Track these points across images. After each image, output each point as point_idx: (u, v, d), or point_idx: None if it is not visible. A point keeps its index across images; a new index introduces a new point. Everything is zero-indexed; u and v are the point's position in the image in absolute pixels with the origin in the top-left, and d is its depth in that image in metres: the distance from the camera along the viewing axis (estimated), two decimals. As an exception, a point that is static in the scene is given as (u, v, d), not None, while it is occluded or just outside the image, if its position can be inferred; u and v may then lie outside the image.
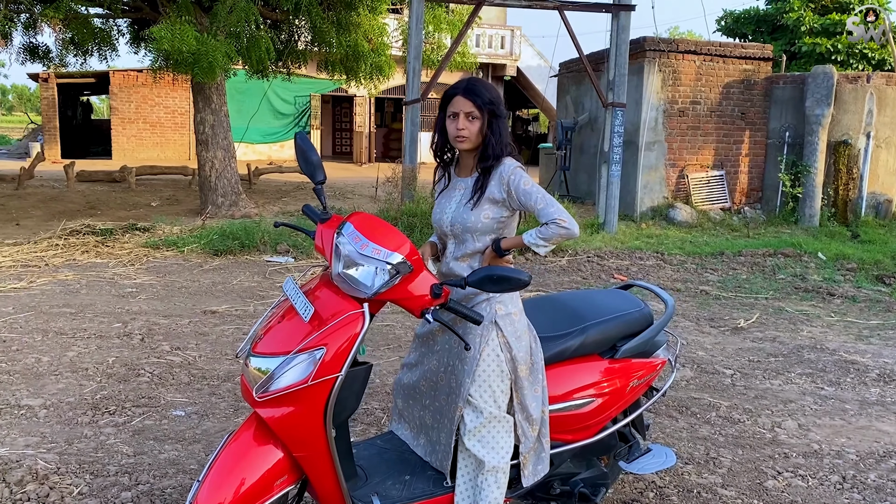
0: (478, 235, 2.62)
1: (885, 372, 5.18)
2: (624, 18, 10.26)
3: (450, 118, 2.60)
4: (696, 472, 3.53)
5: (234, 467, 2.31)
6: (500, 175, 2.60)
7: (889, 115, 11.98)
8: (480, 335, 2.54)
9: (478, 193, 2.61)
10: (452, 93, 2.60)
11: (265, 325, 2.46)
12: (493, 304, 2.58)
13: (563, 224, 2.55)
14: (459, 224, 2.62)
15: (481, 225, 2.60)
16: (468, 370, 2.53)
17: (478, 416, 2.49)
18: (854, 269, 9.07)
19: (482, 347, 2.53)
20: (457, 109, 2.58)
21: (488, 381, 2.50)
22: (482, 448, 2.49)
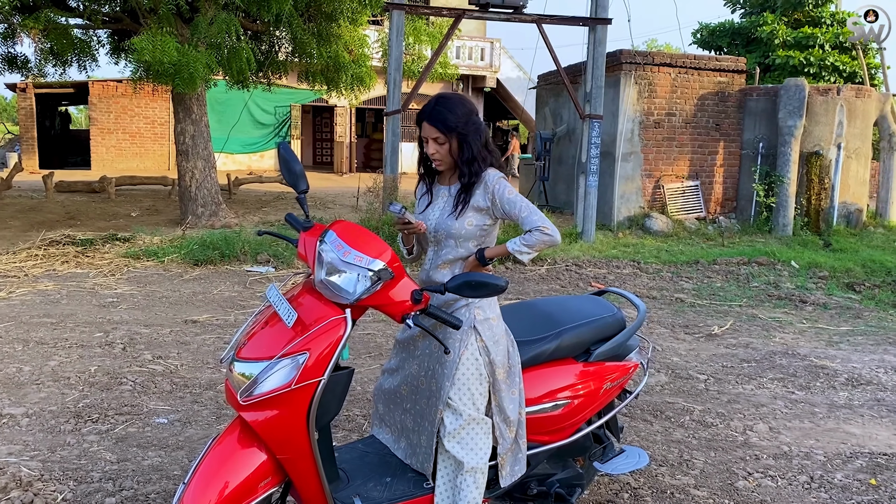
0: (461, 242, 2.70)
1: (853, 376, 5.33)
2: (600, 32, 10.44)
3: (424, 141, 2.70)
4: (669, 473, 3.63)
5: (218, 469, 2.36)
6: (486, 185, 2.68)
7: (859, 126, 12.27)
8: (460, 340, 2.63)
9: (461, 202, 2.70)
10: (420, 117, 2.69)
11: (249, 332, 2.52)
12: (472, 310, 2.67)
13: (547, 231, 2.65)
14: (443, 231, 2.70)
15: (465, 232, 2.68)
16: (448, 374, 2.61)
17: (457, 418, 2.57)
18: (826, 277, 9.28)
19: (461, 351, 2.62)
20: (426, 135, 2.68)
21: (467, 384, 2.59)
22: (461, 449, 2.56)
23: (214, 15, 10.22)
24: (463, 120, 2.66)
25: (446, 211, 2.72)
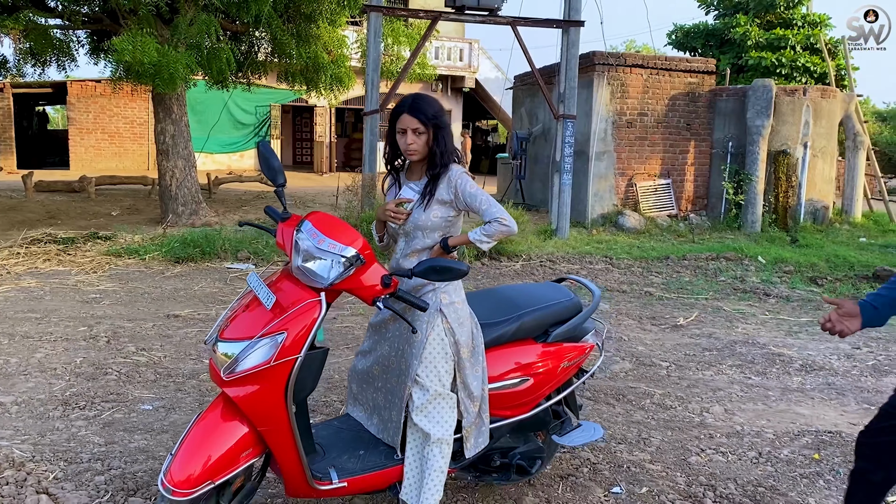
0: (427, 233, 2.92)
1: (807, 363, 5.62)
2: (573, 34, 10.71)
3: (399, 133, 2.90)
4: (627, 450, 3.87)
5: (203, 441, 2.56)
6: (449, 179, 2.91)
7: (824, 126, 12.65)
8: (427, 321, 2.85)
9: (428, 195, 2.92)
10: (399, 110, 2.90)
11: (231, 315, 2.73)
12: (439, 294, 2.89)
13: (505, 222, 2.88)
14: (412, 222, 2.92)
15: (431, 223, 2.91)
16: (416, 353, 2.83)
17: (424, 393, 2.79)
18: (791, 272, 9.61)
19: (429, 332, 2.84)
20: (405, 126, 2.88)
21: (434, 362, 2.81)
22: (428, 422, 2.78)
23: (194, 16, 10.36)
24: (439, 115, 2.92)
25: (414, 204, 2.94)
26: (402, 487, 2.81)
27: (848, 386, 5.14)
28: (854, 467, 2.59)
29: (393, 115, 2.94)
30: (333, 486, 2.76)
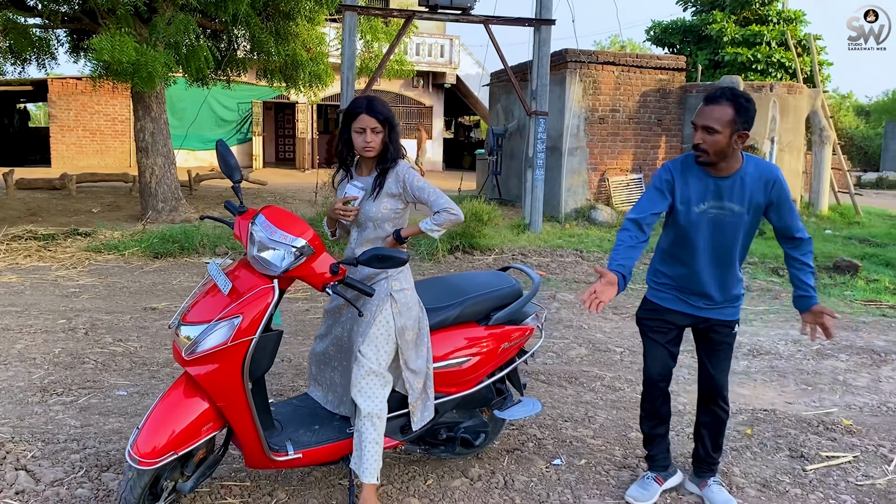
0: (378, 223, 3.18)
1: (755, 348, 5.92)
2: (545, 32, 10.97)
3: (357, 132, 3.11)
4: (572, 427, 4.14)
5: (167, 416, 2.81)
6: (397, 174, 3.17)
7: (791, 121, 12.98)
8: (377, 305, 3.10)
9: (377, 189, 3.16)
10: (357, 111, 3.10)
11: (193, 300, 2.97)
12: (390, 281, 3.15)
13: (453, 211, 3.15)
14: (363, 214, 3.17)
15: (381, 214, 3.16)
16: (362, 331, 3.08)
17: (359, 369, 3.03)
18: (755, 263, 9.93)
19: (377, 314, 3.09)
20: (363, 125, 3.10)
21: (376, 342, 3.06)
22: (360, 397, 3.02)
23: (172, 15, 10.53)
24: (391, 114, 3.17)
25: (365, 197, 3.18)
26: (352, 458, 3.06)
27: (790, 369, 5.44)
28: None
29: (349, 116, 3.13)
30: (289, 457, 3.01)
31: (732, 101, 2.92)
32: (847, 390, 5.00)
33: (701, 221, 3.07)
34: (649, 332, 3.33)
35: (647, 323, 3.34)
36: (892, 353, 5.85)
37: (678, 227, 3.14)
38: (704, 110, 2.98)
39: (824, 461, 3.81)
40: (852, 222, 13.70)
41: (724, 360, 3.31)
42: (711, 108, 2.95)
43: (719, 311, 3.22)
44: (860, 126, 35.72)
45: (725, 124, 2.91)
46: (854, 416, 4.48)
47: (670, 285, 3.26)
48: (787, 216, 3.09)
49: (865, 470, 3.73)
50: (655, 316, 3.31)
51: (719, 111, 2.92)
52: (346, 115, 3.16)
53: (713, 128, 2.92)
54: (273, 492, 3.27)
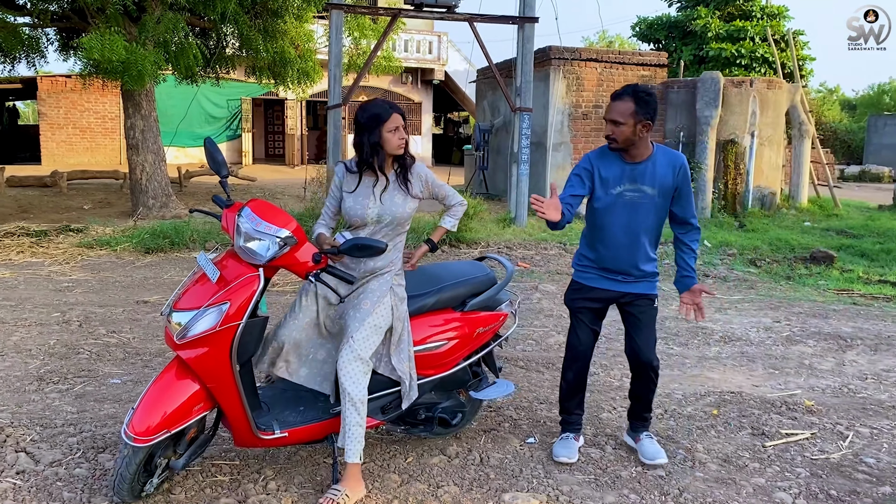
0: (401, 222, 3.38)
1: (727, 335, 6.15)
2: (528, 30, 11.17)
3: (391, 132, 3.29)
4: (547, 409, 4.36)
5: (160, 397, 3.00)
6: (418, 174, 3.41)
7: (771, 115, 13.24)
8: (378, 296, 3.30)
9: (403, 190, 3.36)
10: (388, 112, 3.29)
11: (183, 289, 3.16)
12: (392, 276, 3.38)
13: (463, 203, 3.60)
14: (390, 215, 3.33)
15: (406, 215, 3.39)
16: (360, 317, 3.25)
17: (349, 352, 3.21)
18: (734, 255, 10.18)
19: (377, 305, 3.28)
20: (397, 124, 3.31)
21: (370, 331, 3.23)
22: (347, 381, 3.19)
23: (161, 14, 10.66)
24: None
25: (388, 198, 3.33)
26: (339, 436, 3.24)
27: (759, 354, 5.67)
28: None
29: (377, 119, 3.27)
30: (276, 436, 3.20)
31: (633, 95, 3.34)
32: (812, 374, 5.23)
33: (617, 203, 3.47)
34: (577, 312, 3.74)
35: (575, 303, 3.74)
36: (857, 338, 6.09)
37: (597, 211, 3.54)
38: (611, 106, 3.41)
39: (783, 438, 4.03)
40: (831, 214, 13.99)
41: (647, 332, 3.66)
42: (616, 104, 3.38)
43: (638, 285, 3.61)
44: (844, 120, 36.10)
45: (628, 116, 3.32)
46: (816, 398, 4.71)
47: (593, 266, 3.65)
48: (685, 201, 3.54)
49: (822, 446, 3.96)
50: (581, 295, 3.70)
51: (622, 106, 3.34)
52: (373, 119, 3.27)
53: (618, 120, 3.35)
54: (261, 469, 3.46)
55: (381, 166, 3.35)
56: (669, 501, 3.30)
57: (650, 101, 3.35)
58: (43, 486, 3.24)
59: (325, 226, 3.48)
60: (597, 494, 3.34)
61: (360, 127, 3.33)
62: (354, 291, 3.33)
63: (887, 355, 5.71)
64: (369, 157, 3.31)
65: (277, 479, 3.36)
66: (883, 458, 3.82)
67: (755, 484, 3.49)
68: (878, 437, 4.10)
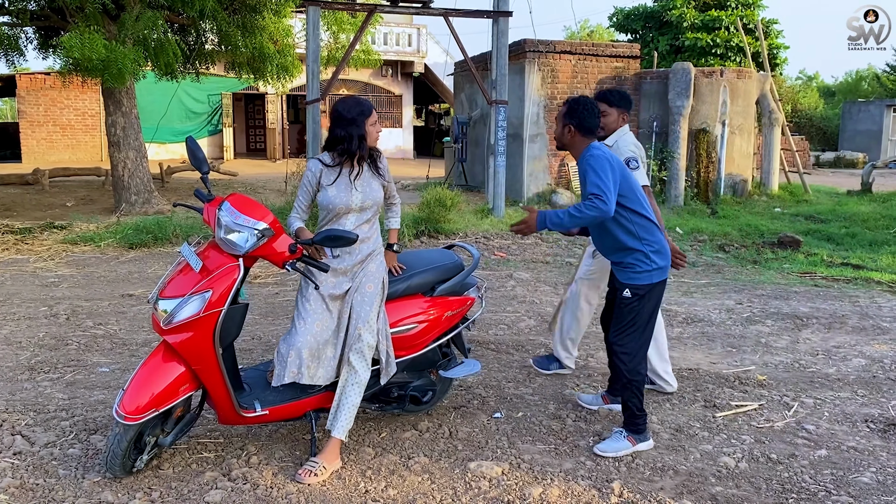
0: (379, 206, 3.73)
1: (690, 316, 6.45)
2: (503, 24, 11.40)
3: (372, 125, 3.61)
4: (514, 387, 4.63)
5: (148, 378, 3.24)
6: (382, 161, 3.76)
7: (741, 104, 13.57)
8: (378, 277, 3.61)
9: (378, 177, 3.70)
10: (370, 110, 3.61)
11: (168, 278, 3.39)
12: (381, 255, 3.74)
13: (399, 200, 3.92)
14: (371, 200, 3.64)
15: (381, 198, 3.73)
16: (368, 301, 3.53)
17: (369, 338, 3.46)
18: (704, 241, 10.50)
19: (378, 287, 3.58)
20: (375, 118, 3.65)
21: (373, 314, 3.51)
22: (359, 364, 3.45)
23: (140, 11, 10.79)
24: None
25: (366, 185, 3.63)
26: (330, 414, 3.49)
27: (719, 334, 5.98)
28: None
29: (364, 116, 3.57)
30: (257, 413, 3.45)
31: (566, 104, 3.83)
32: (767, 351, 5.54)
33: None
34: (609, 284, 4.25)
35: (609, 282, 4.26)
36: (813, 317, 6.41)
37: None
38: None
39: (733, 409, 4.33)
40: (801, 200, 14.36)
41: (618, 320, 3.77)
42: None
43: (620, 271, 3.78)
44: (821, 107, 36.62)
45: (559, 120, 3.85)
46: (769, 373, 5.02)
47: None
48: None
49: (768, 416, 4.26)
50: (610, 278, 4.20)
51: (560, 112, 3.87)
52: (360, 114, 3.58)
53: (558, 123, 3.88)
54: (244, 446, 3.70)
55: (362, 157, 3.61)
56: (623, 467, 3.58)
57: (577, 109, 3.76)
58: (39, 464, 3.47)
59: (300, 219, 3.72)
60: (556, 462, 3.62)
61: (344, 121, 3.58)
62: (356, 275, 3.61)
63: (839, 333, 6.03)
64: (356, 149, 3.58)
65: (259, 454, 3.61)
66: (823, 424, 4.13)
67: (702, 450, 3.78)
68: (820, 406, 4.41)
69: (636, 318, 3.69)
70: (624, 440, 3.73)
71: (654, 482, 3.45)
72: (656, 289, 3.72)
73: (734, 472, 3.55)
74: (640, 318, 3.70)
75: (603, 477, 3.48)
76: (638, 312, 3.69)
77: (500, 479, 3.43)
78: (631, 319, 3.70)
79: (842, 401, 4.51)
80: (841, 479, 3.50)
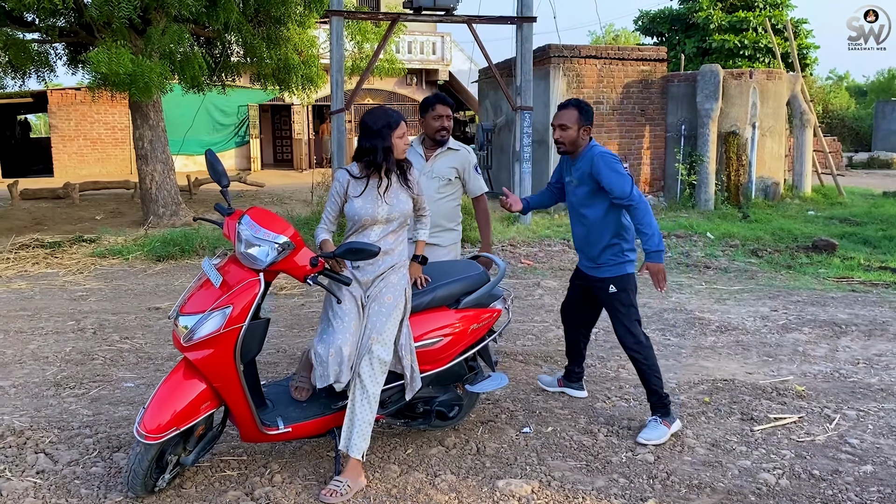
0: (408, 218, 3.63)
1: (723, 325, 6.27)
2: (527, 29, 11.30)
3: (399, 138, 3.52)
4: (543, 400, 4.51)
5: (169, 396, 3.18)
6: (414, 176, 3.64)
7: (771, 106, 13.31)
8: (400, 290, 3.49)
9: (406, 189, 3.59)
10: (399, 120, 3.52)
11: (189, 294, 3.34)
12: (407, 269, 3.62)
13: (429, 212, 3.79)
14: (398, 212, 3.55)
15: (410, 211, 3.62)
16: (384, 312, 3.42)
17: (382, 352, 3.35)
18: (736, 246, 10.28)
19: (398, 301, 3.47)
20: (404, 131, 3.54)
21: (393, 327, 3.41)
22: (368, 379, 3.34)
23: (166, 25, 10.88)
24: None
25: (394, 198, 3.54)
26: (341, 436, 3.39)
27: (754, 342, 5.80)
28: None
29: (390, 125, 3.49)
30: (280, 431, 3.38)
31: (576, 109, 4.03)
32: (805, 360, 5.36)
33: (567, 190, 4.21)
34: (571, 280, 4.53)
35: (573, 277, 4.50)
36: (852, 324, 6.20)
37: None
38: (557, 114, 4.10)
39: (771, 422, 4.16)
40: (835, 203, 14.04)
41: (614, 315, 4.07)
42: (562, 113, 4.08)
43: (596, 269, 4.06)
44: (852, 107, 35.94)
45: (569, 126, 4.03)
46: (807, 383, 4.84)
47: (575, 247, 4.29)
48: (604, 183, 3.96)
49: (808, 429, 4.09)
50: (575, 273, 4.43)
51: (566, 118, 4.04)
52: (387, 126, 3.49)
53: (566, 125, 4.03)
54: (267, 464, 3.63)
55: (389, 169, 3.53)
56: (657, 484, 3.45)
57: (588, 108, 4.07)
58: (61, 483, 3.43)
59: (327, 230, 3.65)
60: (587, 479, 3.49)
61: (371, 133, 3.50)
62: (376, 285, 3.51)
63: (880, 340, 5.82)
64: (381, 161, 3.50)
65: (283, 473, 3.54)
66: (867, 438, 3.95)
67: (741, 466, 3.63)
68: (863, 419, 4.23)
69: (628, 307, 4.03)
70: (661, 426, 3.93)
71: (691, 500, 3.31)
72: (633, 278, 4.06)
73: (775, 490, 3.40)
74: (631, 306, 4.04)
75: (637, 495, 3.35)
76: (627, 301, 4.02)
77: (529, 497, 3.32)
78: (625, 310, 4.02)
79: (886, 412, 4.33)
80: (889, 496, 3.33)
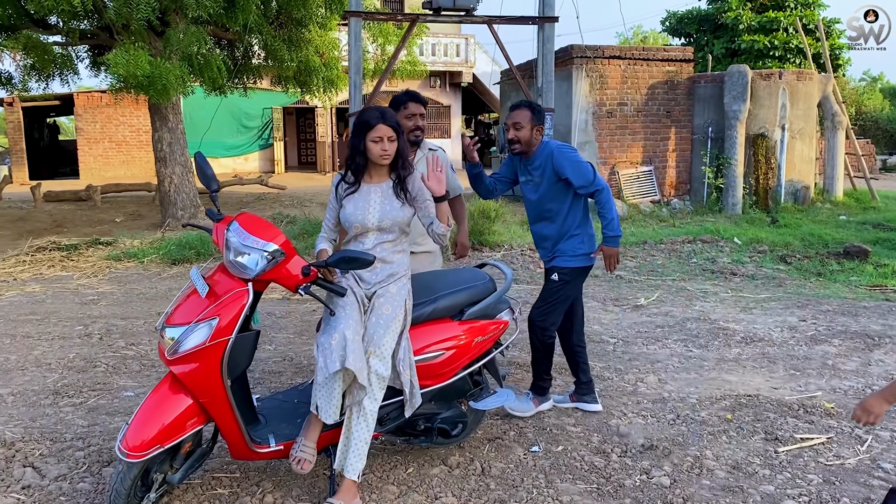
0: (404, 226, 3.37)
1: (748, 336, 5.99)
2: (548, 30, 11.07)
3: (374, 142, 3.27)
4: (554, 416, 4.29)
5: (153, 412, 3.02)
6: (414, 181, 3.37)
7: (801, 108, 12.92)
8: (399, 301, 3.28)
9: (403, 196, 3.35)
10: (374, 121, 3.25)
11: (176, 304, 3.18)
12: (407, 280, 3.40)
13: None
14: (390, 220, 3.32)
15: (407, 219, 3.37)
16: (383, 324, 3.20)
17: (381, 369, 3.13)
18: (764, 252, 9.95)
19: (398, 311, 3.26)
20: (381, 135, 3.26)
21: (391, 340, 3.20)
22: (367, 398, 3.14)
23: (185, 27, 10.83)
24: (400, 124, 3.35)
25: (387, 203, 3.33)
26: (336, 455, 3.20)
27: (781, 355, 5.51)
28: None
29: (365, 126, 3.26)
30: (271, 449, 3.20)
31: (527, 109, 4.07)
32: (834, 374, 5.07)
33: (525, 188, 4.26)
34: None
35: None
36: (886, 336, 5.89)
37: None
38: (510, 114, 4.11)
39: (797, 443, 3.90)
40: (868, 207, 13.59)
41: (544, 299, 4.16)
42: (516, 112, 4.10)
43: (551, 260, 4.17)
44: (886, 109, 35.08)
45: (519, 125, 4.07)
46: (837, 399, 4.56)
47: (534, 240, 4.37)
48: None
49: (837, 451, 3.82)
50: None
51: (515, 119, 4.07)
52: (361, 125, 3.29)
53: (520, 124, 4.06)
54: (260, 482, 3.46)
55: (361, 172, 3.33)
56: (672, 511, 3.22)
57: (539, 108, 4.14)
58: (45, 500, 3.29)
59: (327, 239, 3.47)
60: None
61: (353, 134, 3.35)
62: (375, 295, 3.30)
63: (917, 354, 5.51)
64: (351, 161, 3.32)
65: (275, 492, 3.36)
66: (902, 463, 3.68)
67: (763, 492, 3.38)
68: (898, 441, 3.95)
69: (563, 300, 4.14)
70: (530, 402, 4.26)
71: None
72: (581, 274, 4.16)
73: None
74: (566, 300, 4.16)
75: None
76: (563, 295, 4.13)
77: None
78: (554, 300, 4.12)
79: (923, 434, 4.04)
80: (926, 529, 3.06)
